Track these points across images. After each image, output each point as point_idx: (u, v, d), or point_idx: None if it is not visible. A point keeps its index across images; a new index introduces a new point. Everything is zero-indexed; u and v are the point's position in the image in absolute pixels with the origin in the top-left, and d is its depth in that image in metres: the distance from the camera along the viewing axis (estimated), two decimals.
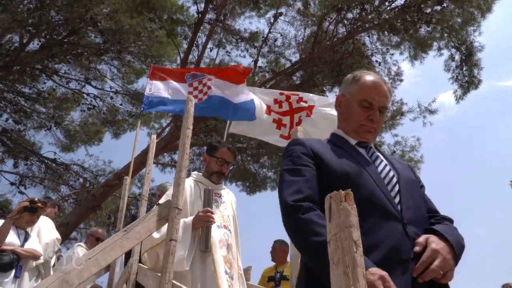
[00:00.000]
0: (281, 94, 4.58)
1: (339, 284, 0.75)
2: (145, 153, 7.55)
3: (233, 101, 4.37)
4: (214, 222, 2.34)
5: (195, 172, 2.70)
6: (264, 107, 4.45)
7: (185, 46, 9.74)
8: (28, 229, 3.31)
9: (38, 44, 8.85)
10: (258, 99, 4.49)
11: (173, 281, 2.00)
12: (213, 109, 4.48)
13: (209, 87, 4.41)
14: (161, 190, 3.44)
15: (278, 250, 4.69)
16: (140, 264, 2.74)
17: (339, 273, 0.76)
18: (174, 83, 4.41)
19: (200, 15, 9.20)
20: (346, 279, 0.74)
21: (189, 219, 2.32)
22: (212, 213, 2.33)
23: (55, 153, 10.64)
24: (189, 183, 2.49)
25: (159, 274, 2.06)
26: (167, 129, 10.02)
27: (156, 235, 2.29)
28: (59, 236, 3.73)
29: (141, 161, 7.67)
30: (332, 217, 0.81)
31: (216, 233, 2.36)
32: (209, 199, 2.39)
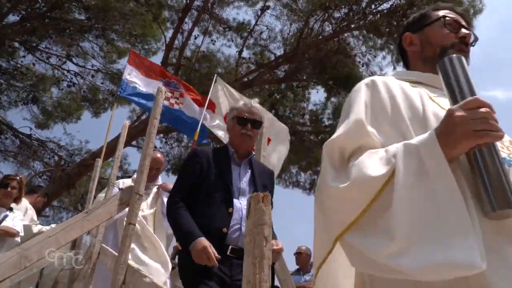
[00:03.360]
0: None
1: (248, 271, 0.89)
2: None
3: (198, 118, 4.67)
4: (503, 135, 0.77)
5: (400, 70, 1.23)
6: (224, 113, 4.67)
7: (171, 32, 9.69)
8: (19, 209, 3.43)
9: (18, 16, 8.64)
10: (225, 103, 4.72)
11: (130, 261, 2.11)
12: (179, 123, 4.69)
13: (181, 103, 4.69)
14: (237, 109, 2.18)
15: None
16: (103, 245, 2.84)
17: (249, 262, 0.89)
18: (149, 80, 4.56)
19: (188, 1, 9.15)
20: (254, 268, 0.88)
21: (420, 139, 0.78)
22: (492, 110, 0.77)
23: (30, 128, 10.49)
24: (396, 86, 0.98)
25: (125, 259, 2.12)
26: (147, 112, 9.99)
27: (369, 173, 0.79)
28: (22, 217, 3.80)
29: (117, 143, 7.66)
30: (250, 215, 0.94)
31: None
32: (467, 77, 0.84)
